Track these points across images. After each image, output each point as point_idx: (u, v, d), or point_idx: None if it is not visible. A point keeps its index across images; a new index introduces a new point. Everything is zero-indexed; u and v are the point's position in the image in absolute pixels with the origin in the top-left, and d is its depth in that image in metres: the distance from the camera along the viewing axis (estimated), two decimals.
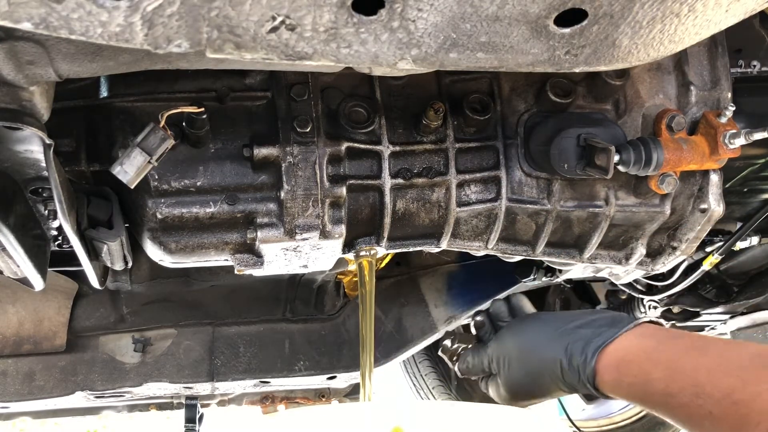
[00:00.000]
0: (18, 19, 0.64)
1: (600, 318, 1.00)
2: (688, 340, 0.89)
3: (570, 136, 1.14)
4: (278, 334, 1.85)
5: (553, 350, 0.99)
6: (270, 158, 1.12)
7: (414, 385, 2.90)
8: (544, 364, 1.00)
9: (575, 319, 1.01)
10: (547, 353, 1.00)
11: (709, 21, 0.81)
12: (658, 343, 0.90)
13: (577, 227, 1.29)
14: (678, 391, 0.84)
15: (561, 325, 1.02)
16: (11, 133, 0.89)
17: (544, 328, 1.04)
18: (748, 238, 1.63)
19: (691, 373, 0.83)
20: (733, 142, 1.14)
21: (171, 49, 0.70)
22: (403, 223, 1.23)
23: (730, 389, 0.78)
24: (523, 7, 0.73)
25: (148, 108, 1.14)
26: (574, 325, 1.00)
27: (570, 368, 0.95)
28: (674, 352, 0.87)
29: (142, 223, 1.16)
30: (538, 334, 1.04)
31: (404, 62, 0.79)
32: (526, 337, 1.06)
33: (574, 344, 0.95)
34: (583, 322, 0.99)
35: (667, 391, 0.85)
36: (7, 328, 1.72)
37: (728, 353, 0.84)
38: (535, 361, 1.02)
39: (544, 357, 1.00)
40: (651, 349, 0.90)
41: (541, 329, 1.05)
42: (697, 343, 0.87)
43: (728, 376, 0.80)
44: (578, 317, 1.02)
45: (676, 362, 0.86)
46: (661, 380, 0.86)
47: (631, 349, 0.91)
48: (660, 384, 0.86)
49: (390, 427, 0.89)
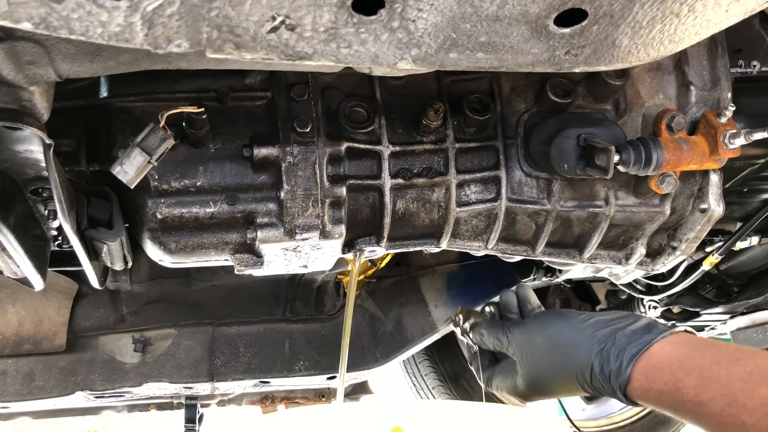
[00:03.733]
0: (18, 19, 0.64)
1: (635, 323, 0.97)
2: (723, 350, 0.87)
3: (570, 136, 1.14)
4: (278, 334, 1.85)
5: (585, 353, 0.97)
6: (270, 158, 1.12)
7: (414, 385, 2.89)
8: (575, 365, 0.98)
9: (610, 324, 0.99)
10: (579, 355, 0.98)
11: (709, 21, 0.81)
12: (691, 350, 0.89)
13: (577, 227, 1.29)
14: (709, 400, 0.83)
15: (595, 327, 0.99)
16: (11, 133, 0.89)
17: (579, 328, 1.00)
18: (748, 238, 1.63)
19: (724, 381, 0.82)
20: (733, 142, 1.14)
21: (171, 49, 0.70)
22: (403, 223, 1.23)
23: (765, 399, 0.78)
24: (523, 7, 0.73)
25: (148, 108, 1.14)
26: (609, 330, 0.97)
27: (601, 373, 0.94)
28: (707, 360, 0.86)
29: (142, 223, 1.16)
30: (572, 334, 1.01)
31: (404, 62, 0.79)
32: (557, 335, 1.03)
33: (609, 350, 0.93)
34: (617, 327, 0.97)
35: (697, 399, 0.84)
36: (7, 328, 1.72)
37: (764, 363, 0.82)
38: (565, 360, 1.00)
39: (576, 358, 0.98)
40: (684, 357, 0.88)
41: (574, 329, 1.01)
42: (733, 353, 0.86)
43: (763, 386, 0.79)
44: (613, 322, 0.99)
45: (708, 370, 0.84)
46: (693, 388, 0.84)
47: (663, 356, 0.90)
48: (691, 392, 0.85)
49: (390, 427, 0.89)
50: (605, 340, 0.95)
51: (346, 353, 1.32)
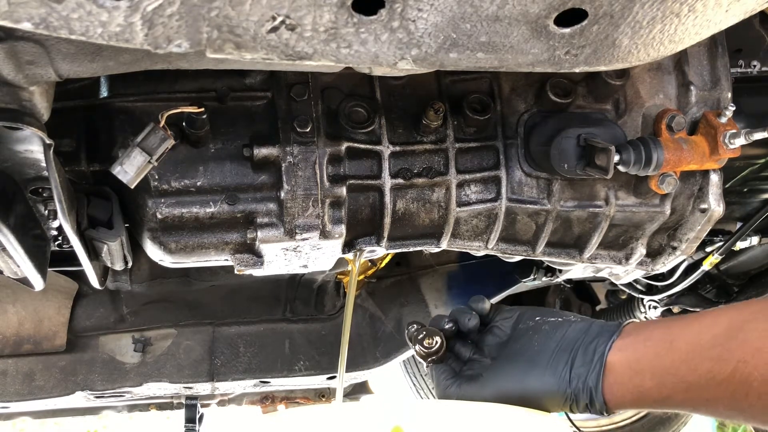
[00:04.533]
0: (18, 19, 0.64)
1: (581, 340, 0.97)
2: (657, 337, 0.91)
3: (570, 136, 1.14)
4: (278, 334, 1.85)
5: (559, 398, 0.96)
6: (270, 158, 1.12)
7: (414, 385, 2.90)
8: (553, 406, 0.98)
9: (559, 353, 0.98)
10: (553, 401, 0.97)
11: (709, 21, 0.81)
12: (634, 351, 0.92)
13: (577, 227, 1.29)
14: (670, 395, 0.88)
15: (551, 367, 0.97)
16: (11, 133, 0.89)
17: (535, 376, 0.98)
18: (748, 238, 1.63)
19: (673, 371, 0.87)
20: (733, 142, 1.14)
21: (171, 49, 0.70)
22: (403, 223, 1.23)
23: (708, 373, 0.83)
24: (523, 7, 0.73)
25: (148, 108, 1.13)
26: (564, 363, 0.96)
27: (579, 407, 0.96)
28: (649, 356, 0.90)
29: (142, 223, 1.16)
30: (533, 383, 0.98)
31: (404, 62, 0.79)
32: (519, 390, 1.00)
33: (576, 388, 0.94)
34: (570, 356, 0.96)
35: (661, 397, 0.89)
36: (7, 328, 1.72)
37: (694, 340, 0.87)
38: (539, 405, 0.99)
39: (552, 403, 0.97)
40: (632, 361, 0.92)
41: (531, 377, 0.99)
42: (665, 337, 0.90)
43: (704, 360, 0.84)
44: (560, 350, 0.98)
45: (656, 366, 0.89)
46: (654, 389, 0.89)
47: (616, 369, 0.93)
48: (654, 393, 0.89)
49: (390, 427, 0.88)
50: (569, 380, 0.95)
51: (346, 353, 1.32)
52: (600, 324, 1.00)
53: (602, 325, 0.99)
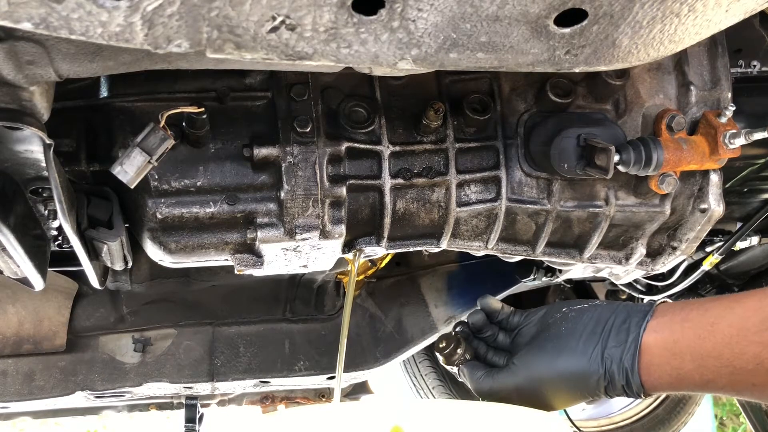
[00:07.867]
0: (18, 19, 0.64)
1: (614, 322, 0.97)
2: (695, 318, 0.90)
3: (570, 136, 1.14)
4: (278, 334, 1.85)
5: (594, 380, 0.96)
6: (270, 158, 1.12)
7: (414, 385, 2.90)
8: (586, 391, 0.98)
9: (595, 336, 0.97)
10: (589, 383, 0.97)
11: (709, 21, 0.81)
12: (671, 333, 0.91)
13: (577, 227, 1.29)
14: (713, 378, 0.87)
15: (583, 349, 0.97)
16: (11, 133, 0.89)
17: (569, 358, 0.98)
18: (748, 238, 1.63)
19: (716, 354, 0.86)
20: (733, 142, 1.14)
21: (171, 49, 0.70)
22: (403, 223, 1.23)
23: (755, 357, 0.82)
24: (523, 7, 0.73)
25: (148, 108, 1.13)
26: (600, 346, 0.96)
27: (615, 389, 0.95)
28: (690, 338, 0.89)
29: (142, 223, 1.16)
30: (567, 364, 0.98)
31: (404, 62, 0.79)
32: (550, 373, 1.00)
33: (611, 369, 0.94)
34: (605, 338, 0.96)
35: (704, 381, 0.88)
36: (7, 328, 1.72)
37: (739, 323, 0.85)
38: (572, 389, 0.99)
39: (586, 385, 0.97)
40: (670, 343, 0.91)
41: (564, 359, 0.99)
42: (706, 319, 0.89)
43: (750, 344, 0.83)
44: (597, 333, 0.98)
45: (696, 349, 0.88)
46: (695, 371, 0.88)
47: (653, 351, 0.92)
48: (696, 376, 0.88)
49: (390, 427, 0.88)
50: (602, 360, 0.95)
51: (344, 353, 1.32)
52: (628, 305, 1.00)
53: (632, 306, 0.99)
